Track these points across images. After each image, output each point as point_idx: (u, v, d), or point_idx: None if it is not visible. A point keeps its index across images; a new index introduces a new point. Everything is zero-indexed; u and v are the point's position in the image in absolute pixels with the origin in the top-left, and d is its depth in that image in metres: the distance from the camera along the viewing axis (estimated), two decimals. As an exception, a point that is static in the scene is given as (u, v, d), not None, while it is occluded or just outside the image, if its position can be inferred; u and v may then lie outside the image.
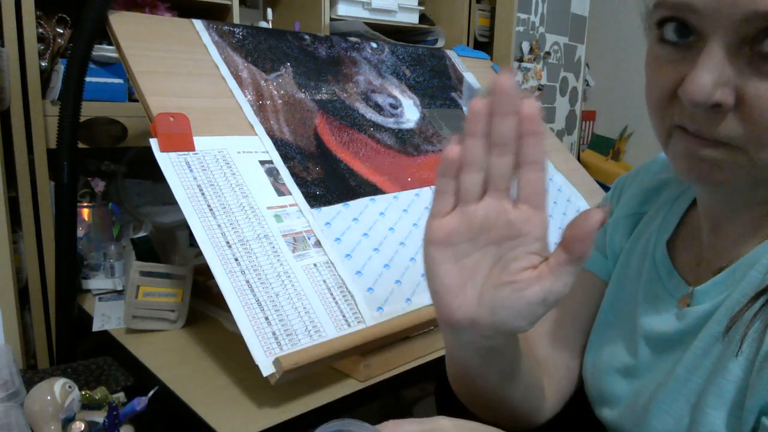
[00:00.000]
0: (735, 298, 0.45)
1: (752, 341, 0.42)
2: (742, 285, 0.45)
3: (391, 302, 0.74)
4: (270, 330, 0.64)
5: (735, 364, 0.43)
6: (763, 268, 0.44)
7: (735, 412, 0.43)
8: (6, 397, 0.69)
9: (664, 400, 0.48)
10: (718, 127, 0.40)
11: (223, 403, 0.66)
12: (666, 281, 0.53)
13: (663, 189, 0.60)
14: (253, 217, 0.74)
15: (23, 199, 0.96)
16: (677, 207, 0.57)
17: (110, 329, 0.87)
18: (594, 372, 0.59)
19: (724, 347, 0.44)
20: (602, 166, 2.28)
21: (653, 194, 0.61)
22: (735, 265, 0.46)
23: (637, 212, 0.61)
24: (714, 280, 0.48)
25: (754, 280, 0.44)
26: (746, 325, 0.42)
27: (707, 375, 0.45)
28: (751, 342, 0.42)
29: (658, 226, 0.57)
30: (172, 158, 0.74)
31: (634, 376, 0.54)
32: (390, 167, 0.95)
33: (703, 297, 0.48)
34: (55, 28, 1.01)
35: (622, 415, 0.54)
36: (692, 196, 0.56)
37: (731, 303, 0.45)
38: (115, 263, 1.05)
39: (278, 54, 0.99)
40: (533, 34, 1.76)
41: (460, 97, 1.23)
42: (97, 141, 1.03)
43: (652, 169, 0.63)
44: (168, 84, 0.82)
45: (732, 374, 0.43)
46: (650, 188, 0.61)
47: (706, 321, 0.47)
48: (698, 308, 0.48)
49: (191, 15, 0.98)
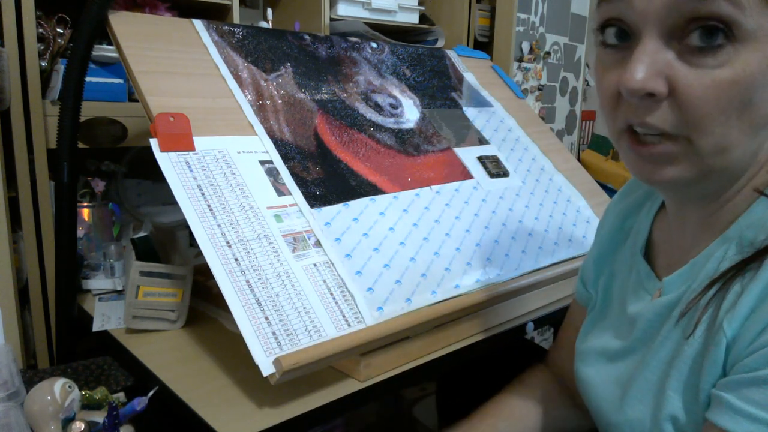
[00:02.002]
0: (693, 288, 0.49)
1: (706, 326, 0.46)
2: (700, 276, 0.49)
3: (391, 302, 0.74)
4: (270, 330, 0.64)
5: (691, 348, 0.47)
6: (716, 260, 0.47)
7: (692, 393, 0.46)
8: (6, 397, 0.69)
9: (637, 388, 0.52)
10: (656, 115, 0.43)
11: (223, 403, 0.66)
12: (645, 282, 0.57)
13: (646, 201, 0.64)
14: (253, 217, 0.74)
15: (23, 199, 0.96)
16: (650, 211, 0.61)
17: (110, 329, 0.87)
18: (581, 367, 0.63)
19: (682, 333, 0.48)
20: (602, 166, 2.28)
21: (636, 209, 0.65)
22: (696, 258, 0.50)
23: (621, 228, 0.66)
24: (678, 273, 0.52)
25: (710, 270, 0.48)
26: (701, 311, 0.46)
27: (669, 360, 0.49)
28: (705, 327, 0.46)
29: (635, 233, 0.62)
30: (172, 158, 0.74)
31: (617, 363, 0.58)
32: (390, 167, 0.95)
33: (669, 288, 0.52)
34: (55, 28, 1.01)
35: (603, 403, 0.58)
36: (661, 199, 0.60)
37: (689, 293, 0.49)
38: (115, 263, 1.05)
39: (278, 54, 0.99)
40: (533, 34, 1.76)
41: (460, 97, 1.23)
42: (97, 141, 1.03)
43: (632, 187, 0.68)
44: (168, 84, 0.82)
45: (688, 357, 0.47)
46: (634, 203, 0.65)
47: (670, 311, 0.51)
48: (664, 298, 0.52)
49: (191, 15, 0.98)
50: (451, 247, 0.87)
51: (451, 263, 0.84)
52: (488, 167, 1.08)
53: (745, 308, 0.43)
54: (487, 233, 0.93)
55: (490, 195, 1.02)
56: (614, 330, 0.60)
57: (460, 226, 0.92)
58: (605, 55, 0.46)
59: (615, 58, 0.45)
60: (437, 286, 0.80)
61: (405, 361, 0.75)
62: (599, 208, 1.16)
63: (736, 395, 0.41)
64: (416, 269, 0.80)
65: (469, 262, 0.86)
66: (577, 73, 2.03)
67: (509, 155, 1.15)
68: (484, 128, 1.18)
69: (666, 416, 0.48)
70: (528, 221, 1.01)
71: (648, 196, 0.64)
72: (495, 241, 0.93)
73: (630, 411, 0.52)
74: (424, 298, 0.77)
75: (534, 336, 1.84)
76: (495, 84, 1.36)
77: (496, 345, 0.84)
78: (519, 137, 1.22)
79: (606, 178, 2.24)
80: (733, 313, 0.43)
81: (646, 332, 0.54)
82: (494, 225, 0.96)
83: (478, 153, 1.10)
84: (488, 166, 1.08)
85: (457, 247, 0.88)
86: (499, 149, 1.15)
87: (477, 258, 0.88)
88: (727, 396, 0.42)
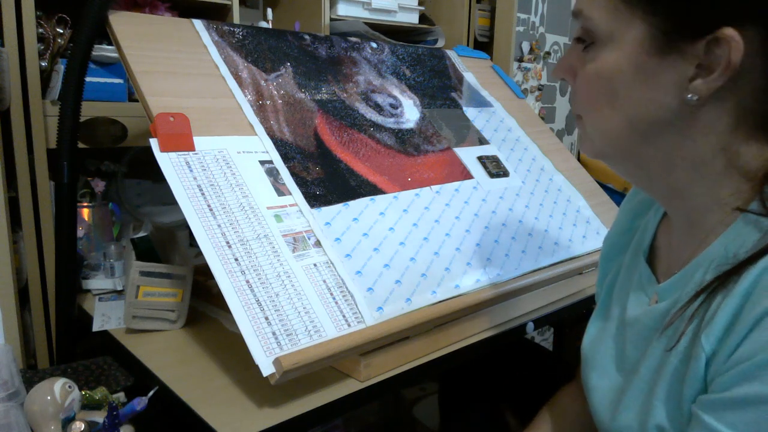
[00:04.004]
0: (681, 298, 0.50)
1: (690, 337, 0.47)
2: (688, 286, 0.50)
3: (391, 302, 0.74)
4: (270, 330, 0.64)
5: (676, 358, 0.48)
6: (703, 270, 0.49)
7: (675, 403, 0.47)
8: (6, 397, 0.69)
9: (629, 396, 0.53)
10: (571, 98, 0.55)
11: (223, 403, 0.66)
12: (645, 286, 0.58)
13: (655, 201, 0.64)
14: (253, 217, 0.74)
15: (23, 199, 0.96)
16: (657, 212, 0.62)
17: (110, 329, 0.87)
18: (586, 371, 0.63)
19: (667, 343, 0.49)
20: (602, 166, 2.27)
21: (646, 208, 0.65)
22: (686, 268, 0.51)
23: (630, 227, 0.67)
24: (671, 280, 0.53)
25: (697, 281, 0.49)
26: (686, 322, 0.47)
27: (656, 369, 0.50)
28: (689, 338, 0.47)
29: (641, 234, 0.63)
30: (172, 158, 0.74)
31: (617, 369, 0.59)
32: (390, 167, 0.95)
33: (663, 295, 0.54)
34: (55, 28, 1.01)
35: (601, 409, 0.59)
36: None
37: (678, 302, 0.50)
38: (115, 263, 1.05)
39: (278, 54, 0.99)
40: (533, 34, 1.76)
41: (460, 97, 1.23)
42: (97, 141, 1.03)
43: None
44: (168, 84, 0.82)
45: (673, 367, 0.48)
46: (645, 201, 0.66)
47: (663, 318, 0.52)
48: (660, 305, 0.53)
49: (191, 15, 0.98)
50: (451, 247, 0.87)
51: (451, 263, 0.84)
52: (488, 167, 1.08)
53: (721, 323, 0.44)
54: (487, 233, 0.93)
55: (490, 195, 1.02)
56: (616, 335, 0.60)
57: (460, 226, 0.92)
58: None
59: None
60: (437, 286, 0.80)
61: (405, 361, 0.75)
62: (599, 208, 1.16)
63: (714, 417, 0.42)
64: (416, 269, 0.80)
65: (469, 262, 0.86)
66: (577, 73, 2.03)
67: (509, 155, 1.15)
68: (484, 128, 1.18)
69: (652, 425, 0.49)
70: (528, 221, 1.01)
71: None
72: (495, 241, 0.93)
73: (621, 418, 0.53)
74: (424, 298, 0.77)
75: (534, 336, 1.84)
76: (495, 84, 1.36)
77: (496, 345, 0.84)
78: (519, 137, 1.22)
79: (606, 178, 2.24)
80: (711, 328, 0.44)
81: (642, 338, 0.55)
82: (494, 225, 0.96)
83: (478, 153, 1.10)
84: (488, 166, 1.08)
85: (457, 247, 0.88)
86: (499, 149, 1.15)
87: (477, 258, 0.88)
88: (705, 417, 0.43)
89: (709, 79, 0.45)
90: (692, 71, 0.45)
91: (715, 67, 0.44)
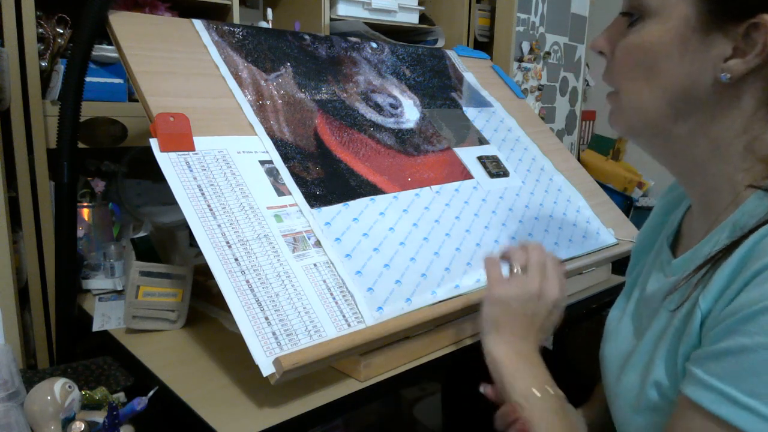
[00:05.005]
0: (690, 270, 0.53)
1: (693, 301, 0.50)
2: (698, 258, 0.53)
3: (391, 302, 0.74)
4: (270, 330, 0.64)
5: (678, 319, 0.51)
6: (711, 246, 0.52)
7: (673, 361, 0.50)
8: (6, 397, 0.69)
9: (634, 358, 0.57)
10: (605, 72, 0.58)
11: (223, 403, 0.66)
12: (665, 266, 0.62)
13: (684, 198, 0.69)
14: (253, 217, 0.74)
15: (23, 199, 0.96)
16: (683, 208, 0.66)
17: (110, 329, 0.87)
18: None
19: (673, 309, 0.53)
20: (602, 166, 2.28)
21: (678, 203, 0.69)
22: (698, 245, 0.56)
23: (662, 222, 0.71)
24: (684, 255, 0.57)
25: (705, 253, 0.52)
26: (691, 289, 0.51)
27: (660, 332, 0.54)
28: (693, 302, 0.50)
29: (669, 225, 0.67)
30: (172, 158, 0.74)
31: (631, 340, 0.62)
32: (390, 167, 0.95)
33: (675, 270, 0.58)
34: (55, 28, 1.01)
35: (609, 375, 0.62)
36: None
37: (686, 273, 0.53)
38: (115, 263, 1.05)
39: (278, 54, 0.99)
40: (533, 34, 1.76)
41: (460, 97, 1.23)
42: (97, 141, 1.03)
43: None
44: (168, 84, 0.82)
45: (675, 328, 0.51)
46: (678, 197, 0.70)
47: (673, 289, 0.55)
48: (670, 279, 0.58)
49: (191, 15, 0.98)
50: (451, 247, 0.87)
51: (451, 263, 0.84)
52: (488, 167, 1.08)
53: (718, 284, 0.47)
54: (487, 233, 0.93)
55: (490, 195, 1.02)
56: (634, 312, 0.64)
57: (460, 226, 0.92)
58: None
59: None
60: (437, 286, 0.80)
61: (405, 361, 0.75)
62: (599, 208, 1.16)
63: (701, 369, 0.45)
64: (416, 269, 0.80)
65: (469, 262, 0.86)
66: (577, 73, 2.03)
67: (509, 155, 1.15)
68: (484, 128, 1.18)
69: (651, 382, 0.52)
70: (528, 221, 1.01)
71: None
72: (495, 241, 0.93)
73: (625, 379, 0.57)
74: (424, 298, 0.77)
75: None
76: (495, 84, 1.36)
77: (496, 345, 0.84)
78: (519, 137, 1.22)
79: (606, 178, 2.24)
80: (708, 289, 0.48)
81: (652, 310, 0.58)
82: (494, 225, 0.96)
83: (478, 153, 1.10)
84: (488, 166, 1.08)
85: (457, 247, 0.88)
86: (499, 149, 1.15)
87: (477, 258, 0.88)
88: (694, 369, 0.46)
89: (744, 60, 0.48)
90: (729, 51, 0.48)
91: (749, 50, 0.47)
